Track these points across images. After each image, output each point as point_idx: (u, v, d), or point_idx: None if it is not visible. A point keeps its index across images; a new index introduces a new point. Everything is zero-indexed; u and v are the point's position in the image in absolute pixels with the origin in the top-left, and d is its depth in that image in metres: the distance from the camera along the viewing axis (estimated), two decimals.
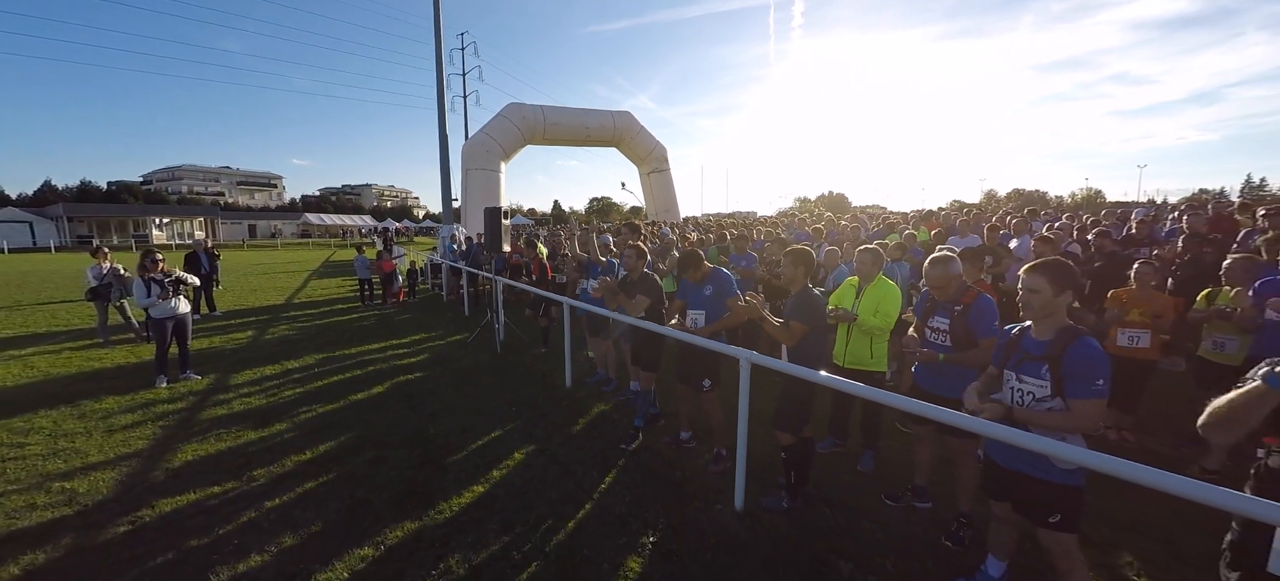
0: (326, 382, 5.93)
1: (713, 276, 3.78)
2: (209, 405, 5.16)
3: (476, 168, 17.60)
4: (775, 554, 2.81)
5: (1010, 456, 2.18)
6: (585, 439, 4.35)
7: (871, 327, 3.45)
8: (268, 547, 2.87)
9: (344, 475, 3.73)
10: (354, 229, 57.50)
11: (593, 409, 4.98)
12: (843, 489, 3.48)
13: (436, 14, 16.75)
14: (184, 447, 4.16)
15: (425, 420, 4.76)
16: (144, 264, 5.53)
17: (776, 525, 3.05)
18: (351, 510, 3.26)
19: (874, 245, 3.86)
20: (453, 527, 3.08)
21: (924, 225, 10.59)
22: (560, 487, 3.55)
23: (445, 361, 6.84)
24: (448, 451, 4.11)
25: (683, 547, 2.88)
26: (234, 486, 3.56)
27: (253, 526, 3.09)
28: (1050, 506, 2.07)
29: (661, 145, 22.36)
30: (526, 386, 5.72)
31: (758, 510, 3.18)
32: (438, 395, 5.49)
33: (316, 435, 4.43)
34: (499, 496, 3.45)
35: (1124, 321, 4.10)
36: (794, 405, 3.15)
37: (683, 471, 3.73)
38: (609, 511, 3.24)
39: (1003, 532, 2.45)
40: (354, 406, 5.16)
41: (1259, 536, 1.46)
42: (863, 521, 3.11)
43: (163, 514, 3.23)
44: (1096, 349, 1.99)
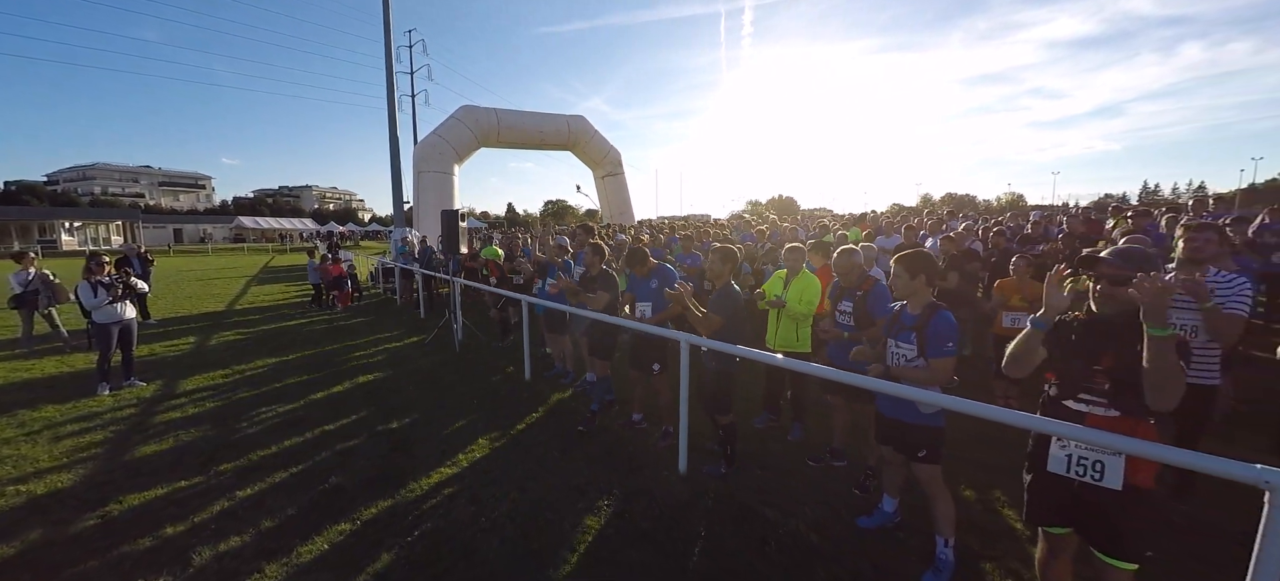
0: (283, 384, 5.96)
1: (657, 270, 4.22)
2: (161, 409, 5.13)
3: (429, 170, 17.41)
4: (713, 507, 3.26)
5: (891, 407, 2.72)
6: (545, 424, 4.69)
7: (797, 313, 3.98)
8: (246, 530, 3.06)
9: (313, 466, 3.91)
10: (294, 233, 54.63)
11: (551, 398, 5.31)
12: (774, 455, 3.99)
13: (386, 10, 16.43)
14: (141, 448, 4.19)
15: (389, 414, 4.95)
16: (90, 267, 5.41)
17: (715, 486, 3.51)
18: (325, 494, 3.47)
19: (799, 244, 4.41)
20: (423, 503, 3.36)
21: (856, 226, 11.55)
22: (523, 466, 3.88)
23: (405, 361, 6.96)
24: (414, 441, 4.34)
25: (634, 508, 3.28)
26: (201, 480, 3.68)
27: (228, 514, 3.25)
28: (919, 444, 2.62)
29: (616, 149, 22.78)
30: (487, 381, 5.97)
31: (699, 475, 3.64)
32: (400, 391, 5.66)
33: (279, 432, 4.55)
34: (466, 476, 3.74)
35: (1007, 306, 4.84)
36: (725, 390, 3.63)
37: (635, 447, 4.14)
38: (568, 482, 3.61)
39: (892, 473, 3.00)
40: (315, 404, 5.26)
41: (1043, 446, 2.02)
42: (788, 479, 3.62)
43: (131, 507, 3.33)
44: (950, 320, 2.54)
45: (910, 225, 8.28)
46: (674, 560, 2.78)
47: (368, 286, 15.33)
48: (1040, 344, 1.97)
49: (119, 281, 5.59)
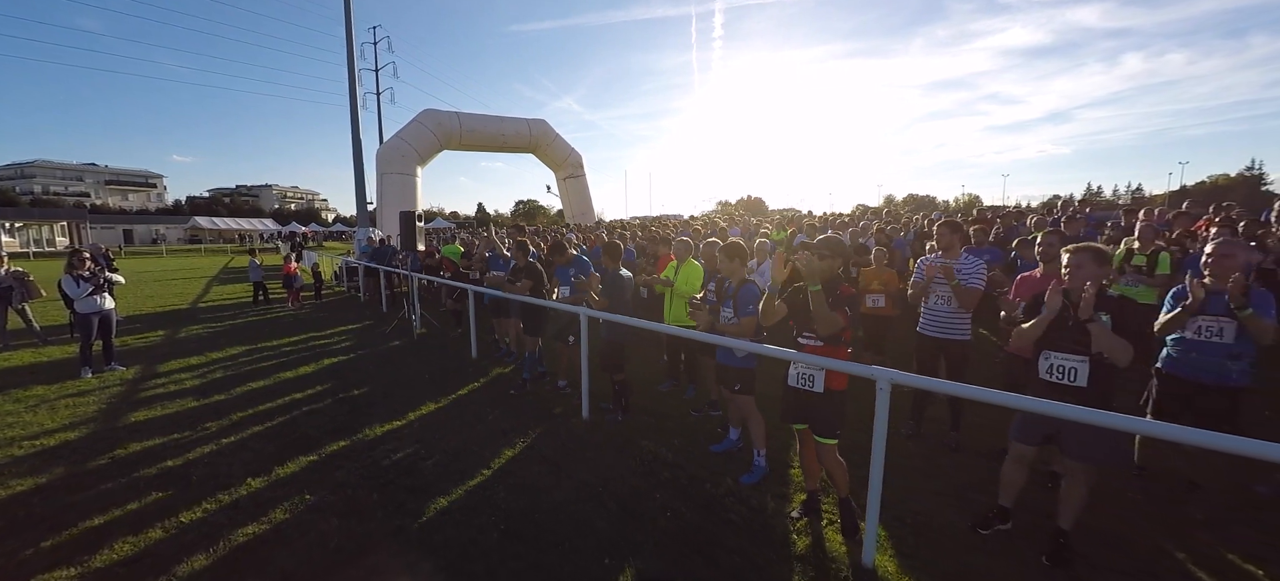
0: (255, 368, 6.70)
1: (574, 261, 5.21)
2: (144, 387, 5.83)
3: (392, 172, 17.96)
4: (602, 441, 4.26)
5: (722, 356, 3.78)
6: (484, 391, 5.62)
7: (683, 294, 5.03)
8: (232, 461, 3.91)
9: (285, 422, 4.75)
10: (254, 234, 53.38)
11: (492, 372, 6.24)
12: (667, 409, 5.01)
13: (347, 7, 16.72)
14: (133, 414, 4.94)
15: (350, 387, 5.79)
16: (72, 263, 6.06)
17: (610, 428, 4.51)
18: (295, 439, 4.33)
19: (688, 240, 5.46)
20: (377, 444, 4.26)
21: (786, 227, 12.83)
22: (460, 420, 4.80)
23: (366, 348, 7.75)
24: (371, 405, 5.21)
25: (541, 442, 4.26)
26: (191, 433, 4.48)
27: (216, 453, 4.08)
28: (735, 380, 3.68)
29: (577, 152, 23.67)
30: (439, 361, 6.85)
31: (599, 419, 4.64)
32: (360, 370, 6.49)
33: (254, 399, 5.34)
34: (413, 426, 4.65)
35: (868, 289, 6.00)
36: (616, 353, 4.65)
37: (553, 404, 5.12)
38: (495, 429, 4.56)
39: (731, 409, 4.05)
40: (285, 381, 6.05)
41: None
42: (669, 423, 4.65)
43: (134, 452, 4.12)
44: (753, 289, 3.60)
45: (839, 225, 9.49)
46: (564, 473, 3.76)
47: (332, 285, 15.83)
48: (777, 302, 3.02)
49: (98, 274, 6.24)
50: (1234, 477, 3.34)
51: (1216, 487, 3.29)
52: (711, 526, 3.06)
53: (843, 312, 2.77)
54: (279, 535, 3.01)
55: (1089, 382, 2.49)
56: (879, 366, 2.62)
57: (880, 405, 2.56)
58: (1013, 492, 2.93)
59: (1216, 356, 3.09)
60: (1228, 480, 3.34)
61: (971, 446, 3.95)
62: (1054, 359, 2.60)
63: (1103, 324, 2.42)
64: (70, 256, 6.14)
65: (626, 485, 3.55)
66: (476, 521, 3.13)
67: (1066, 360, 2.55)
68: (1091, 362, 2.48)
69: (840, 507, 3.01)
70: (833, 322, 2.70)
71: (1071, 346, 2.54)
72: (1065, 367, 2.55)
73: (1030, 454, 2.84)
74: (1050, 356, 2.61)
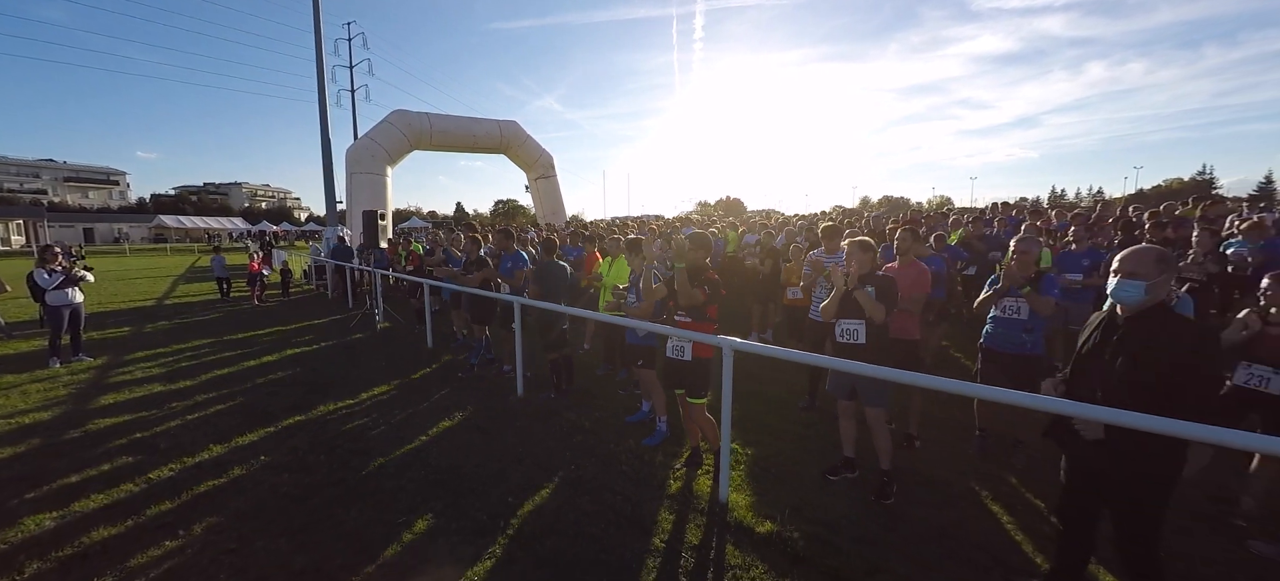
0: (219, 357, 7.10)
1: (513, 256, 5.79)
2: (112, 374, 6.21)
3: (361, 172, 18.19)
4: (531, 413, 4.86)
5: (630, 337, 4.41)
6: (435, 375, 6.16)
7: (610, 285, 5.65)
8: (196, 434, 4.39)
9: (246, 402, 5.22)
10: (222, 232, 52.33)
11: (444, 358, 6.78)
12: (600, 389, 5.62)
13: (315, 5, 16.80)
14: (102, 399, 5.35)
15: (310, 372, 6.27)
16: (44, 257, 6.42)
17: (541, 403, 5.10)
18: (255, 415, 4.82)
19: (617, 236, 6.08)
20: (329, 418, 4.78)
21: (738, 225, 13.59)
22: (410, 398, 5.34)
23: (328, 339, 8.19)
24: (328, 386, 5.71)
25: (476, 415, 4.83)
26: (156, 413, 4.93)
27: (182, 427, 4.55)
28: (639, 356, 4.32)
29: (548, 153, 24.12)
30: (397, 349, 7.35)
31: (533, 397, 5.23)
32: (321, 358, 6.96)
33: (218, 385, 5.79)
34: (365, 404, 5.17)
35: (788, 283, 6.70)
36: (550, 333, 5.25)
37: (494, 384, 5.69)
38: (438, 405, 5.12)
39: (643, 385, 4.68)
40: (248, 370, 6.49)
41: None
42: (597, 400, 5.26)
43: (104, 426, 4.56)
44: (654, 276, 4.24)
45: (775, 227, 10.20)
46: (492, 438, 4.34)
47: (301, 283, 16.05)
48: (655, 285, 3.66)
49: (70, 268, 6.59)
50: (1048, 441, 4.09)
51: (1035, 442, 4.02)
52: (605, 476, 3.68)
53: (702, 290, 3.42)
54: (236, 485, 3.53)
55: (866, 340, 3.20)
56: (724, 336, 3.27)
57: (726, 368, 3.20)
58: (850, 442, 3.61)
59: (1015, 330, 3.83)
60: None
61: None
62: (843, 324, 3.30)
63: (867, 294, 3.13)
64: (42, 251, 6.50)
65: (543, 447, 4.16)
66: (408, 474, 3.70)
67: (850, 324, 3.25)
68: (867, 326, 3.19)
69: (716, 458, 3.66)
70: (692, 297, 3.36)
71: (853, 313, 3.24)
72: (849, 329, 3.25)
73: (851, 407, 3.53)
74: (840, 323, 3.31)
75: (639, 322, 4.13)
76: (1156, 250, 2.02)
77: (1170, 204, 12.04)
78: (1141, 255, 1.99)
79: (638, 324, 4.15)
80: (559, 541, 2.91)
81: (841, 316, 3.38)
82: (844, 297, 3.28)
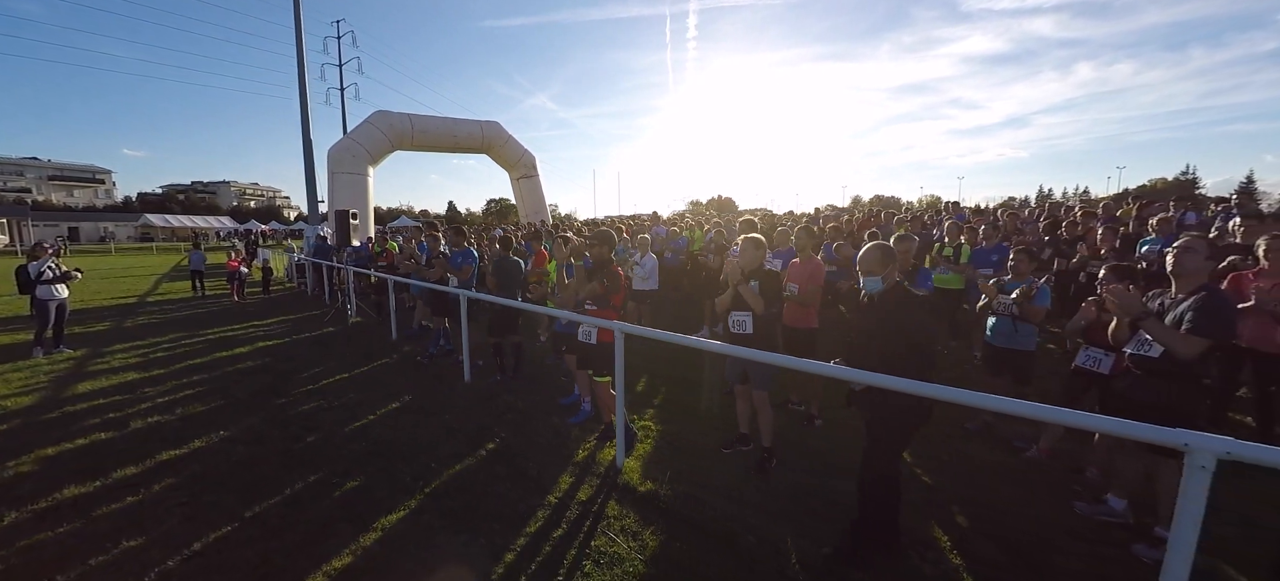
0: (194, 349, 7.54)
1: (463, 252, 6.28)
2: (91, 364, 6.64)
3: (342, 172, 18.54)
4: (476, 396, 5.35)
5: (558, 326, 4.92)
6: (395, 364, 6.63)
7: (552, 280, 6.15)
8: (167, 413, 4.85)
9: (214, 387, 5.68)
10: (210, 231, 52.30)
11: (406, 348, 7.25)
12: (548, 378, 6.10)
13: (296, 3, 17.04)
14: (80, 384, 5.78)
15: (280, 361, 6.73)
16: (34, 252, 6.89)
17: (486, 387, 5.60)
18: (222, 397, 5.28)
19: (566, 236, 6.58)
20: (289, 401, 5.24)
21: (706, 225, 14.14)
22: (366, 384, 5.82)
23: (301, 331, 8.64)
24: (293, 374, 6.17)
25: (422, 397, 5.32)
26: (129, 396, 5.37)
27: (152, 408, 5.00)
28: (563, 342, 4.82)
29: (530, 153, 24.55)
30: (364, 341, 7.81)
31: (480, 382, 5.72)
32: (291, 350, 7.41)
33: (189, 373, 6.24)
34: (324, 389, 5.64)
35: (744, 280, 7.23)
36: (500, 320, 5.75)
37: (446, 371, 6.17)
38: (391, 390, 5.60)
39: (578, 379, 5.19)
40: (219, 359, 6.93)
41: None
42: (539, 385, 5.76)
43: (79, 409, 5.01)
44: (565, 268, 4.74)
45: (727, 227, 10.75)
46: (432, 417, 4.83)
47: (283, 281, 16.43)
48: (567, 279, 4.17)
49: (58, 265, 7.04)
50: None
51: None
52: (524, 447, 4.18)
53: (601, 284, 3.94)
54: (194, 455, 4.01)
55: (753, 330, 3.71)
56: (620, 322, 3.78)
57: (618, 351, 3.71)
58: (744, 420, 4.13)
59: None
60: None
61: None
62: (734, 316, 3.81)
63: (752, 289, 3.64)
64: (34, 247, 6.99)
65: (477, 424, 4.65)
66: (349, 446, 4.19)
67: (739, 315, 3.77)
68: (753, 317, 3.71)
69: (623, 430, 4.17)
70: (591, 289, 3.87)
71: (743, 306, 3.76)
72: (738, 320, 3.77)
73: (746, 390, 4.04)
74: (732, 314, 3.83)
75: (559, 312, 4.64)
76: (880, 250, 2.58)
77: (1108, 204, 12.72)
78: (869, 256, 2.55)
79: (560, 313, 4.65)
80: (466, 498, 3.41)
81: (734, 309, 3.88)
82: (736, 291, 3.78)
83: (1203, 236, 3.09)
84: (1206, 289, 2.80)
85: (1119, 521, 3.20)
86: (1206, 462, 1.74)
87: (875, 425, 2.51)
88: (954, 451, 4.06)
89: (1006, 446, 4.12)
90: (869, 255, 2.63)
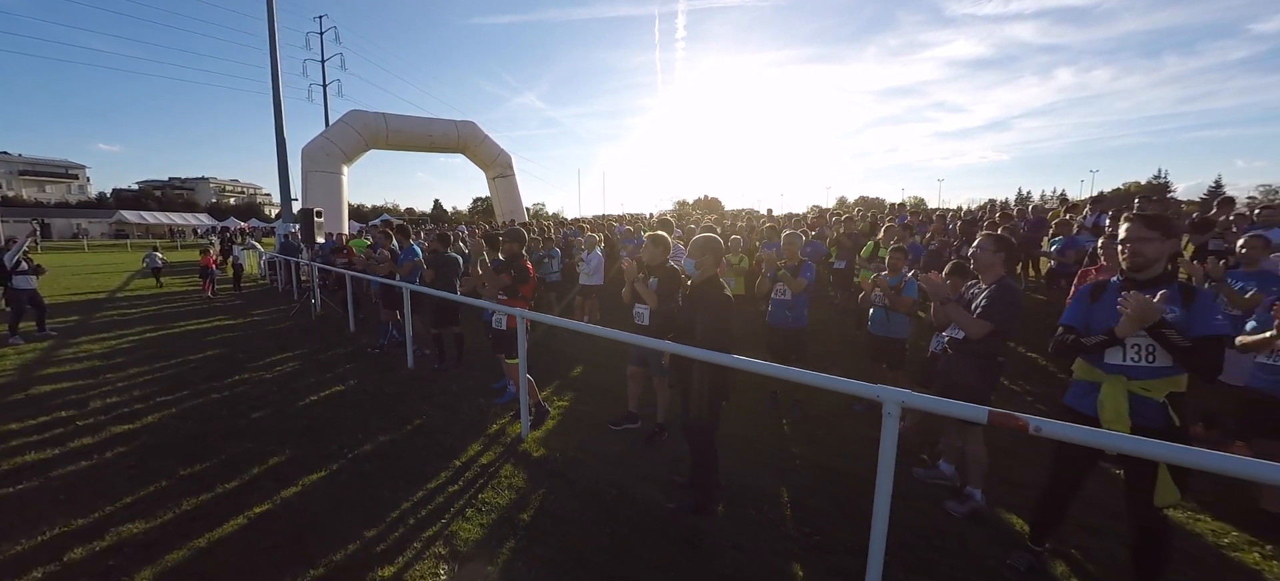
0: (158, 339, 7.95)
1: (406, 248, 6.79)
2: (56, 353, 7.03)
3: (316, 170, 18.84)
4: (413, 380, 5.87)
5: (485, 315, 5.45)
6: (349, 354, 7.12)
7: None
8: (125, 394, 5.30)
9: (171, 374, 6.13)
10: (187, 228, 51.78)
11: (361, 340, 7.74)
12: (485, 365, 6.62)
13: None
14: (45, 369, 6.20)
15: (238, 351, 7.18)
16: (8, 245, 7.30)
17: (431, 372, 6.11)
18: (177, 382, 5.74)
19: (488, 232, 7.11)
20: (241, 383, 5.72)
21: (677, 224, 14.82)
22: (316, 370, 6.31)
23: (263, 325, 9.06)
24: (248, 361, 6.64)
25: (369, 382, 5.83)
26: (92, 381, 5.80)
27: (111, 390, 5.45)
28: (489, 330, 5.37)
29: (506, 152, 24.98)
30: (323, 333, 8.27)
31: (423, 369, 6.24)
32: (251, 341, 7.85)
33: (151, 360, 6.68)
34: (276, 374, 6.12)
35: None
36: (440, 311, 6.27)
37: (393, 360, 6.68)
38: (338, 375, 6.10)
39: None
40: (181, 349, 7.36)
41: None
42: (477, 371, 6.28)
43: (43, 392, 5.43)
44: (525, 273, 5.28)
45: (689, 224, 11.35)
46: (372, 398, 5.34)
47: (256, 278, 16.70)
48: (479, 272, 4.72)
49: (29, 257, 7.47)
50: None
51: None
52: (446, 423, 4.72)
53: (508, 274, 4.49)
54: (147, 428, 4.49)
55: (649, 320, 4.28)
56: (522, 309, 4.33)
57: (520, 332, 4.26)
58: (634, 401, 4.69)
59: (781, 309, 4.93)
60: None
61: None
62: (637, 308, 4.38)
63: (648, 285, 4.19)
64: (7, 240, 7.38)
65: (409, 405, 5.17)
66: (289, 422, 4.69)
67: (640, 308, 4.33)
68: (649, 310, 4.27)
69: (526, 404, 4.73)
70: (498, 283, 4.43)
71: (639, 301, 4.32)
72: (639, 312, 4.32)
73: (639, 373, 4.60)
74: (636, 307, 4.38)
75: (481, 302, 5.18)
76: (705, 240, 3.17)
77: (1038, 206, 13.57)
78: (695, 245, 3.15)
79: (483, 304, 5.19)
80: (382, 463, 3.95)
81: (635, 301, 4.42)
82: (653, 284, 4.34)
83: (996, 234, 3.70)
84: (1000, 281, 3.40)
85: (946, 483, 3.83)
86: (893, 410, 2.34)
87: (687, 393, 3.10)
88: (834, 429, 4.61)
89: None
90: (695, 244, 3.20)
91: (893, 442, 2.32)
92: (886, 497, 2.30)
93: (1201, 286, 2.59)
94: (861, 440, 4.34)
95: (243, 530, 3.07)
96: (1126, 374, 2.38)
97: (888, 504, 2.30)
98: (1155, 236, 2.40)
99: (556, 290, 8.77)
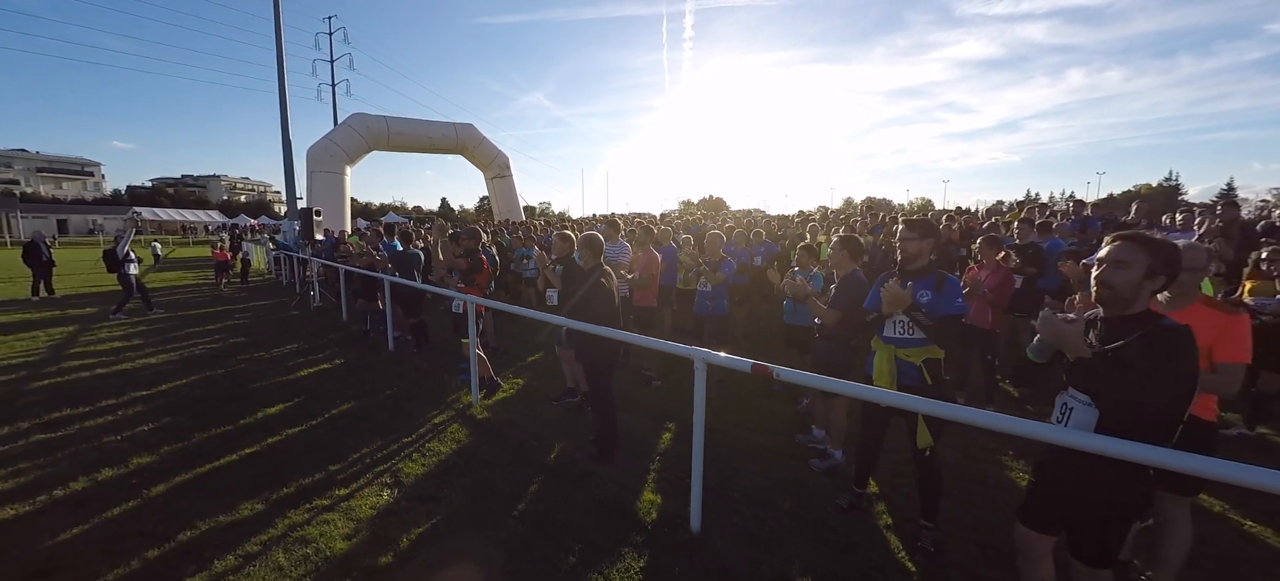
0: (170, 326, 8.85)
1: (383, 244, 7.62)
2: (81, 336, 7.95)
3: (320, 171, 19.79)
4: (391, 361, 6.70)
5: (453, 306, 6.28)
6: (337, 340, 7.97)
7: None
8: (142, 370, 6.17)
9: (184, 353, 7.00)
10: (199, 225, 53.20)
11: (353, 328, 8.59)
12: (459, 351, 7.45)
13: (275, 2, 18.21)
14: (72, 349, 7.09)
15: (241, 335, 8.05)
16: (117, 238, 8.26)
17: (410, 358, 6.94)
18: (187, 361, 6.61)
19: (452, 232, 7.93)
20: (243, 361, 6.58)
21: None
22: (308, 351, 7.16)
23: (268, 314, 9.95)
24: (250, 344, 7.50)
25: (353, 363, 6.66)
26: (113, 359, 6.69)
27: (131, 364, 6.33)
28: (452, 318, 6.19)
29: (504, 153, 25.86)
30: (320, 322, 9.13)
31: (403, 355, 7.07)
32: (254, 328, 8.73)
33: (165, 344, 7.56)
34: (273, 356, 6.98)
35: None
36: (407, 303, 7.09)
37: (377, 345, 7.52)
38: (327, 356, 6.94)
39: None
40: (191, 335, 8.25)
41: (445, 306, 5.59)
42: (450, 354, 7.09)
43: (71, 366, 6.31)
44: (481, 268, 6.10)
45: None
46: (352, 375, 6.18)
47: (263, 272, 17.66)
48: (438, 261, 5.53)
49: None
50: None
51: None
52: (411, 393, 5.53)
53: (464, 261, 5.30)
54: (160, 394, 5.37)
55: (557, 302, 5.06)
56: (467, 294, 5.13)
57: (470, 316, 5.06)
58: (570, 378, 5.47)
59: (703, 299, 5.73)
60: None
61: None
62: (548, 291, 5.16)
63: (555, 272, 4.97)
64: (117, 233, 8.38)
65: (382, 379, 6.00)
66: (279, 390, 5.54)
67: (550, 292, 5.11)
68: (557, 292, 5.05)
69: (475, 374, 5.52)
70: (451, 257, 5.25)
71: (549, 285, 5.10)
72: (549, 295, 5.11)
73: (567, 354, 5.38)
74: (548, 291, 5.17)
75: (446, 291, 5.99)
76: (590, 239, 3.96)
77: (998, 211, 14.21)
78: (582, 241, 3.94)
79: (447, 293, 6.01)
80: (353, 421, 4.77)
81: (548, 288, 5.18)
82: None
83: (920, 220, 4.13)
84: (849, 276, 4.13)
85: (818, 446, 4.56)
86: (700, 368, 3.08)
87: (586, 362, 3.90)
88: (752, 406, 5.31)
89: (794, 401, 5.38)
90: (582, 240, 3.98)
91: (702, 392, 3.07)
92: (701, 432, 3.09)
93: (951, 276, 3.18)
94: (766, 413, 5.07)
95: (234, 463, 3.90)
96: (895, 344, 3.14)
97: (702, 436, 3.09)
98: (915, 237, 3.15)
99: (534, 286, 9.58)
